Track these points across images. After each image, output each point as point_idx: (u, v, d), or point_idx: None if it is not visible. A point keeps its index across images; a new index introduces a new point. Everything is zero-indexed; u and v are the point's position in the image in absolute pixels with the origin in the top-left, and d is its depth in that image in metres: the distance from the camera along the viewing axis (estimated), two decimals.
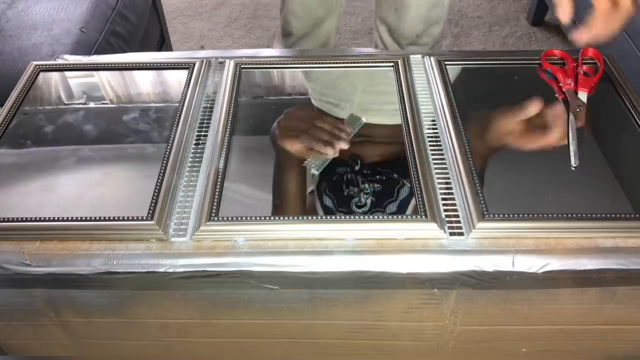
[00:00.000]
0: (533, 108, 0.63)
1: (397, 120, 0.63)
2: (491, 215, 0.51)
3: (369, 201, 0.55)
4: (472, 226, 0.51)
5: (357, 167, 0.59)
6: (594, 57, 0.70)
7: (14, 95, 0.67)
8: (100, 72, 0.72)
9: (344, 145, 0.60)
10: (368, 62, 0.72)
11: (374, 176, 0.58)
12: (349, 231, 0.51)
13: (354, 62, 0.72)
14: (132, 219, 0.52)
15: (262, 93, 0.72)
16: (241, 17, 1.91)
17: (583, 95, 0.64)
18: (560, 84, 0.66)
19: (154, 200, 0.53)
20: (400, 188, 0.56)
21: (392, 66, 0.71)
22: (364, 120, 0.57)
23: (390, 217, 0.53)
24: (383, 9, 1.06)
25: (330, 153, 0.60)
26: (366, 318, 0.57)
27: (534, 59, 0.71)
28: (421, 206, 0.53)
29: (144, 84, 0.72)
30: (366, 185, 0.56)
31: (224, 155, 0.59)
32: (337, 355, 0.64)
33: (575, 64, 0.68)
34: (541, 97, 0.65)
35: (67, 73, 0.72)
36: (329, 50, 0.75)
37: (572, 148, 0.58)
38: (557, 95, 0.65)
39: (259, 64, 0.73)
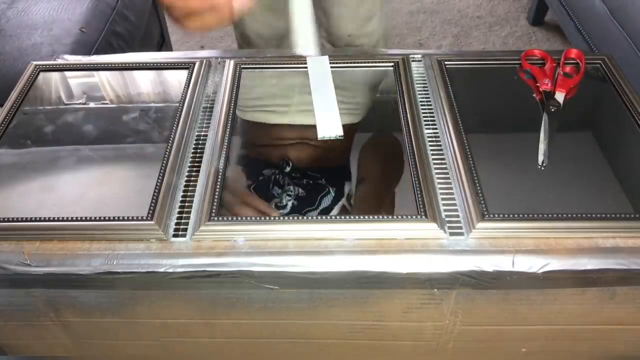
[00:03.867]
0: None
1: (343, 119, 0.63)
2: (491, 215, 0.51)
3: (290, 203, 0.54)
4: (472, 226, 0.51)
5: (287, 169, 0.59)
6: (577, 58, 0.70)
7: (14, 95, 0.67)
8: (100, 72, 0.72)
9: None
10: (368, 62, 0.72)
11: (302, 180, 0.58)
12: (349, 231, 0.51)
13: (354, 62, 0.72)
14: (132, 219, 0.52)
15: None
16: None
17: (560, 96, 0.64)
18: (537, 84, 0.66)
19: (154, 200, 0.53)
20: (324, 196, 0.56)
21: (392, 66, 0.71)
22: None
23: (390, 217, 0.53)
24: (317, 11, 1.03)
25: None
26: (366, 318, 0.57)
27: None
28: (421, 206, 0.52)
29: (144, 84, 0.72)
30: (291, 187, 0.56)
31: (224, 155, 0.58)
32: (337, 355, 0.63)
33: (555, 65, 0.68)
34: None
35: (67, 73, 0.72)
36: (329, 51, 0.75)
37: (542, 147, 0.58)
38: (534, 95, 0.65)
39: (259, 64, 0.73)
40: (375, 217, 0.52)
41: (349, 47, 1.02)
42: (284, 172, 0.58)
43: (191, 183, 0.57)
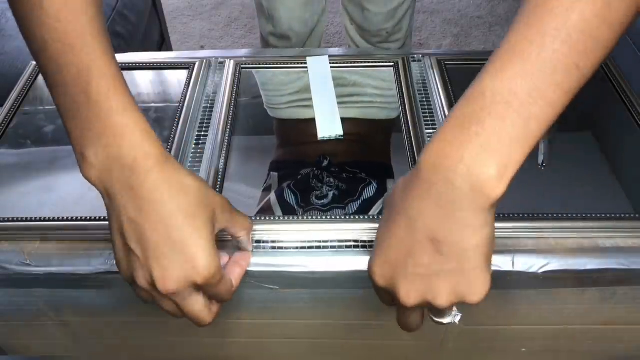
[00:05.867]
0: None
1: (371, 115, 0.63)
2: None
3: (330, 194, 0.55)
4: None
5: (325, 164, 0.59)
6: None
7: (14, 95, 0.67)
8: None
9: None
10: (368, 62, 0.72)
11: (341, 174, 0.58)
12: (349, 231, 0.51)
13: (354, 62, 0.72)
14: None
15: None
16: (241, 17, 1.91)
17: None
18: None
19: None
20: (365, 187, 0.56)
21: (392, 66, 0.71)
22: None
23: None
24: (350, 9, 1.04)
25: None
26: (366, 318, 0.57)
27: None
28: None
29: (144, 84, 0.72)
30: (331, 179, 0.56)
31: (224, 155, 0.58)
32: (337, 355, 0.63)
33: None
34: None
35: None
36: (330, 51, 0.75)
37: (541, 147, 0.58)
38: None
39: (259, 64, 0.73)
40: (376, 216, 0.52)
41: (384, 43, 1.02)
42: (322, 167, 0.59)
43: None
